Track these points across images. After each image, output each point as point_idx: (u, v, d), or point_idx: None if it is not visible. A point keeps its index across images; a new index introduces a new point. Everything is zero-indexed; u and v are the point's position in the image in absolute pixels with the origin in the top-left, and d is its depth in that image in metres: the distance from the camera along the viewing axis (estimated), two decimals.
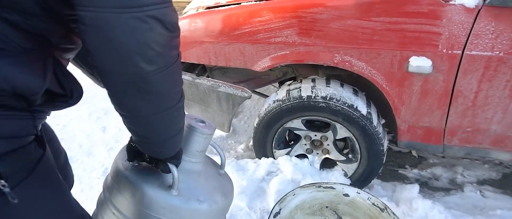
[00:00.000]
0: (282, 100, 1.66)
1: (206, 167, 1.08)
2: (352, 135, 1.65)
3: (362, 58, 1.46)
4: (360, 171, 1.74)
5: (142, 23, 0.58)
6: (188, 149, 0.98)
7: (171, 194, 0.89)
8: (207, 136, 1.00)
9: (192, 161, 1.00)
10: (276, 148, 1.84)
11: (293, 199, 1.47)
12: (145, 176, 0.91)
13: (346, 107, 1.56)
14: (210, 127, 1.01)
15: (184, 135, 0.93)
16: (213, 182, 1.05)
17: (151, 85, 0.65)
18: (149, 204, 0.87)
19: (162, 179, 0.92)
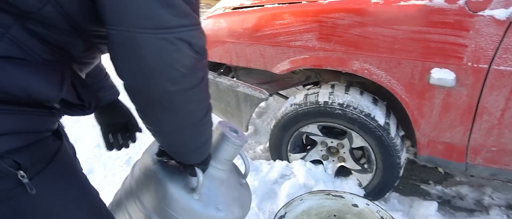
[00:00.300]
0: (299, 104, 1.65)
1: (229, 175, 1.09)
2: (368, 144, 1.61)
3: (382, 66, 1.42)
4: (375, 183, 1.69)
5: (169, 45, 0.59)
6: (217, 156, 0.99)
7: (192, 197, 0.91)
8: (237, 147, 1.01)
9: (218, 167, 1.01)
10: (292, 152, 1.83)
11: (300, 204, 1.47)
12: (172, 174, 0.93)
13: (362, 116, 1.53)
14: (241, 139, 1.02)
15: (215, 141, 0.98)
16: (233, 192, 1.07)
17: (174, 104, 0.66)
18: (170, 203, 0.90)
19: (187, 180, 0.94)
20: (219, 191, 1.02)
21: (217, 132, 1.00)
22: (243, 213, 1.07)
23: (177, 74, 0.62)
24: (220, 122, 1.04)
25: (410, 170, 2.18)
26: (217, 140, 0.99)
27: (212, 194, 0.99)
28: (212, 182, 1.00)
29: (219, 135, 1.00)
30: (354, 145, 1.67)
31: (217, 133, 1.00)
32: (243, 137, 1.05)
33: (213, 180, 1.02)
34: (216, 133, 1.00)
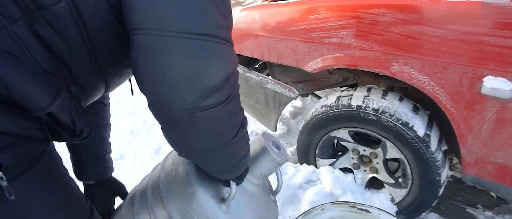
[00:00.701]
0: (330, 106, 1.53)
1: (261, 190, 1.05)
2: (403, 157, 1.44)
3: (425, 70, 1.26)
4: (409, 200, 1.52)
5: (199, 52, 0.56)
6: (253, 169, 0.96)
7: (220, 208, 0.87)
8: (277, 165, 0.96)
9: (252, 181, 0.98)
10: (320, 157, 1.71)
11: (320, 214, 1.35)
12: (204, 179, 0.89)
13: (399, 124, 1.37)
14: (283, 157, 0.97)
15: (254, 153, 0.94)
16: (261, 209, 1.01)
17: (198, 122, 0.60)
18: (196, 208, 0.86)
19: (218, 188, 0.90)
20: (248, 206, 0.96)
21: (258, 143, 0.95)
22: None
23: (203, 88, 0.57)
24: (264, 134, 0.99)
25: (455, 190, 1.95)
26: (257, 153, 0.94)
27: (241, 208, 0.94)
28: (243, 195, 0.96)
29: (260, 148, 0.95)
30: (388, 155, 1.51)
31: (259, 145, 0.95)
32: (284, 155, 0.99)
33: (244, 193, 0.97)
34: (257, 144, 0.95)
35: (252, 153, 0.96)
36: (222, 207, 0.87)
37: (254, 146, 0.98)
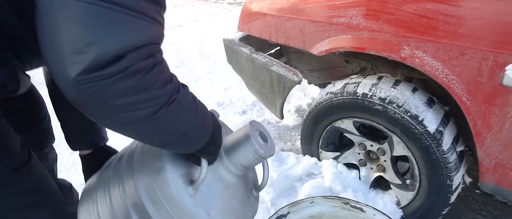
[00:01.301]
0: (335, 93, 1.40)
1: (240, 181, 0.98)
2: (411, 154, 1.28)
3: (439, 55, 1.10)
4: (416, 204, 1.36)
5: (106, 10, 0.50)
6: (233, 157, 0.90)
7: (187, 189, 0.81)
8: (258, 157, 0.89)
9: (230, 169, 0.92)
10: (324, 149, 1.59)
11: (309, 207, 1.24)
12: (177, 156, 0.85)
13: (407, 117, 1.21)
14: (267, 150, 0.90)
15: (237, 140, 0.88)
16: (235, 202, 0.94)
17: (87, 98, 0.53)
18: (162, 185, 0.81)
19: (190, 169, 0.85)
20: (219, 195, 0.89)
21: (243, 131, 0.89)
22: None
23: (88, 59, 0.50)
24: (253, 122, 0.92)
25: (481, 204, 1.73)
26: (239, 140, 0.88)
27: (210, 195, 0.87)
28: (216, 182, 0.89)
29: (243, 136, 0.88)
30: (395, 153, 1.35)
31: (243, 132, 0.88)
32: (270, 149, 0.92)
33: (219, 181, 0.90)
34: (242, 132, 0.89)
35: (235, 139, 0.90)
36: (189, 189, 0.81)
37: (239, 133, 0.91)
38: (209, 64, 3.31)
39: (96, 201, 0.93)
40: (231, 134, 0.98)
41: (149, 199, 0.83)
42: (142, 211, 0.85)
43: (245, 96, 2.63)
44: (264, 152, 0.89)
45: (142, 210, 0.85)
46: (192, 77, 3.04)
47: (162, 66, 0.59)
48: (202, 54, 3.59)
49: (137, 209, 0.85)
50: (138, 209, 0.85)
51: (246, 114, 2.36)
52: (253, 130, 0.90)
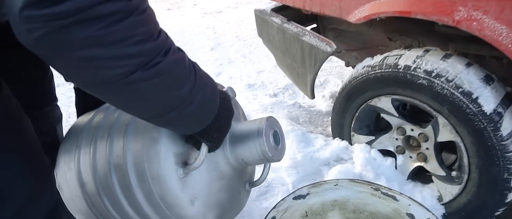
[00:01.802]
0: (373, 66, 1.23)
1: (235, 174, 0.90)
2: (460, 139, 1.08)
3: (504, 17, 0.90)
4: (462, 201, 1.15)
5: None
6: (237, 149, 0.83)
7: (177, 171, 0.74)
8: (263, 159, 0.82)
9: (229, 160, 0.85)
10: (356, 131, 1.41)
11: (332, 190, 1.08)
12: (176, 136, 0.77)
13: (457, 93, 1.02)
14: (275, 155, 0.83)
15: (247, 132, 0.81)
16: (224, 196, 0.87)
17: (37, 40, 0.43)
18: (152, 158, 0.73)
19: (187, 150, 0.78)
20: (209, 186, 0.81)
21: (257, 124, 0.81)
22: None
23: None
24: (271, 118, 0.84)
25: None
26: (249, 133, 0.81)
27: (200, 183, 0.79)
28: (210, 170, 0.82)
29: (255, 130, 0.81)
30: (440, 138, 1.16)
31: (256, 126, 0.81)
32: (279, 153, 0.84)
33: (213, 170, 0.82)
34: (255, 125, 0.82)
35: (245, 131, 0.82)
36: (179, 171, 0.74)
37: (251, 125, 0.83)
38: (245, 48, 3.22)
39: (80, 147, 0.85)
40: (243, 123, 0.87)
41: (134, 168, 0.75)
42: (123, 178, 0.76)
43: (278, 79, 2.49)
44: (272, 156, 0.80)
45: (123, 176, 0.76)
46: (225, 59, 2.96)
47: (142, 17, 0.47)
48: (238, 38, 3.50)
49: (119, 173, 0.77)
50: (119, 174, 0.77)
51: (278, 96, 2.22)
52: (268, 128, 0.81)
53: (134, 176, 0.75)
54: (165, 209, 0.75)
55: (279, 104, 2.02)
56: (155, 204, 0.75)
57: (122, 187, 0.78)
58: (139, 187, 0.75)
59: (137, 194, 0.76)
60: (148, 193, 0.74)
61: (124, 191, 0.78)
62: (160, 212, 0.77)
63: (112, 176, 0.78)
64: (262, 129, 0.79)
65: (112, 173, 0.78)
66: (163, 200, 0.74)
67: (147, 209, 0.77)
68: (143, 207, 0.77)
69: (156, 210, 0.77)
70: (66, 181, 0.87)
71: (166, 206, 0.74)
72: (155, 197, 0.74)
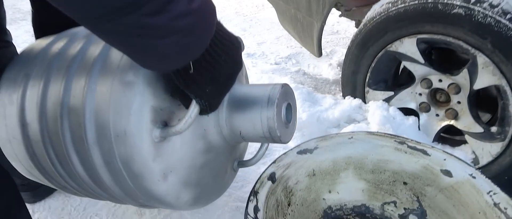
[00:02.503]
0: (394, 1, 1.02)
1: (225, 149, 0.71)
2: (505, 82, 0.87)
3: None
4: (505, 162, 0.94)
5: None
6: (235, 118, 0.63)
7: (152, 132, 0.54)
8: (269, 138, 0.64)
9: (222, 130, 0.65)
10: (371, 87, 1.20)
11: (346, 145, 0.88)
12: (159, 80, 0.56)
13: (505, 21, 0.81)
14: (284, 136, 0.64)
15: (252, 98, 0.62)
16: (207, 175, 0.68)
17: None
18: (120, 110, 0.53)
19: (169, 106, 0.57)
20: (191, 158, 0.62)
21: (268, 90, 0.62)
22: (190, 206, 0.67)
23: None
24: (286, 86, 0.65)
25: None
26: (256, 100, 0.61)
27: (179, 153, 0.59)
28: (196, 139, 0.62)
29: (266, 98, 0.61)
30: (477, 84, 0.95)
31: (267, 91, 0.61)
32: (288, 134, 0.66)
33: (200, 139, 0.63)
34: (265, 90, 0.62)
35: (251, 95, 0.63)
36: (155, 132, 0.54)
37: (260, 90, 0.62)
38: (245, 23, 3.01)
39: (28, 76, 0.65)
40: (248, 86, 0.67)
41: (94, 117, 0.54)
42: (77, 127, 0.56)
43: (280, 50, 2.29)
44: (280, 135, 0.62)
45: (78, 126, 0.56)
46: None
47: None
48: (238, 14, 3.30)
49: (73, 120, 0.56)
50: (74, 121, 0.56)
51: (280, 65, 2.02)
52: (281, 98, 0.62)
53: (93, 128, 0.55)
54: (128, 179, 0.56)
55: (281, 70, 1.82)
56: (114, 170, 0.56)
57: (75, 139, 0.58)
58: (97, 144, 0.55)
59: (93, 152, 0.56)
60: (107, 154, 0.55)
61: (77, 145, 0.58)
62: (119, 182, 0.58)
63: (63, 122, 0.58)
64: (275, 98, 0.60)
65: (64, 118, 0.58)
66: (126, 167, 0.55)
67: (103, 174, 0.58)
68: (99, 171, 0.58)
69: (115, 178, 0.58)
70: (4, 117, 0.67)
71: (130, 175, 0.55)
72: (117, 161, 0.55)
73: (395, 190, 0.87)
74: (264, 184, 0.76)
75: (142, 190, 0.58)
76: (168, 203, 0.62)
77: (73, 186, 0.68)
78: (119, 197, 0.64)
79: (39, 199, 1.09)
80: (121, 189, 0.60)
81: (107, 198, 0.70)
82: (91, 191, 0.67)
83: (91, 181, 0.62)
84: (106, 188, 0.62)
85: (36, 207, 1.07)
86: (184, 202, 0.63)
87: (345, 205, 0.88)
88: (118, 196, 0.63)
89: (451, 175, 0.78)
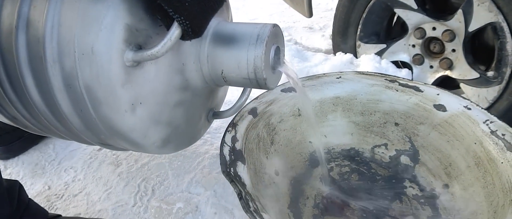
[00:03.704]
0: None
1: (202, 93, 0.64)
2: (501, 18, 0.82)
3: None
4: (503, 106, 0.89)
5: None
6: (218, 55, 0.57)
7: (124, 53, 0.47)
8: (253, 81, 0.57)
9: (202, 67, 0.59)
10: (363, 40, 1.15)
11: (334, 84, 0.82)
12: (137, 3, 0.49)
13: None
14: (270, 81, 0.59)
15: (241, 35, 0.56)
16: (179, 115, 0.61)
17: None
18: (88, 25, 0.47)
19: (147, 27, 0.50)
20: (164, 93, 0.55)
21: (256, 29, 0.55)
22: (157, 148, 0.60)
23: None
24: (277, 27, 0.58)
25: None
26: (244, 36, 0.55)
27: (153, 84, 0.53)
28: (172, 72, 0.55)
29: (255, 34, 0.54)
30: (473, 25, 0.90)
31: (257, 31, 0.55)
32: (274, 80, 0.60)
33: (177, 74, 0.56)
34: (256, 30, 0.55)
35: (238, 32, 0.56)
36: (128, 55, 0.47)
37: (249, 28, 0.56)
38: (238, 2, 2.96)
39: None
40: (237, 23, 0.61)
41: (57, 32, 0.46)
42: (36, 42, 0.48)
43: None
44: (266, 78, 0.56)
45: (36, 40, 0.47)
46: None
47: None
48: None
49: (31, 33, 0.48)
50: (32, 35, 0.48)
51: None
52: (271, 38, 0.56)
53: (55, 43, 0.47)
54: (90, 106, 0.49)
55: None
56: (75, 95, 0.48)
57: (31, 57, 0.50)
58: (58, 63, 0.47)
59: (51, 73, 0.48)
60: (69, 76, 0.47)
61: (33, 64, 0.50)
62: (80, 110, 0.50)
63: (18, 36, 0.51)
64: (265, 37, 0.54)
65: (19, 31, 0.51)
66: (89, 91, 0.47)
67: (62, 100, 0.50)
68: (57, 96, 0.49)
69: (75, 105, 0.50)
70: None
71: (93, 102, 0.48)
72: (79, 84, 0.47)
73: (386, 132, 0.82)
74: (244, 117, 0.71)
75: (105, 121, 0.50)
76: (133, 141, 0.55)
77: (25, 116, 0.60)
78: (78, 131, 0.56)
79: (12, 155, 1.03)
80: (81, 119, 0.52)
81: (64, 132, 0.60)
82: (45, 123, 0.58)
83: (47, 109, 0.53)
84: (64, 119, 0.53)
85: (8, 163, 1.01)
86: (152, 142, 0.57)
87: (333, 149, 0.83)
88: (77, 129, 0.55)
89: (445, 109, 0.73)
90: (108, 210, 0.80)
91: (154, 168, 0.89)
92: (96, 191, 0.86)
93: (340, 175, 0.78)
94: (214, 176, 0.84)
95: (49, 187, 0.90)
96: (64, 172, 0.95)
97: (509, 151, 0.60)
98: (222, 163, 0.59)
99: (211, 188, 0.81)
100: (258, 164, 0.68)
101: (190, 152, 0.91)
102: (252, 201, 0.53)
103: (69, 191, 0.88)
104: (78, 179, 0.91)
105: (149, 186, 0.85)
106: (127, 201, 0.82)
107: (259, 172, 0.67)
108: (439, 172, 0.73)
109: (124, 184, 0.86)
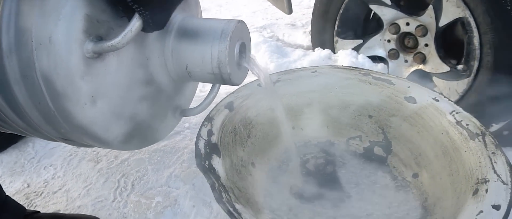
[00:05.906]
0: None
1: (169, 88, 0.64)
2: (468, 13, 0.85)
3: None
4: (472, 99, 0.93)
5: None
6: (183, 49, 0.57)
7: (83, 44, 0.47)
8: (217, 76, 0.58)
9: (167, 62, 0.59)
10: (340, 36, 1.18)
11: (310, 78, 0.85)
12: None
13: None
14: (235, 77, 0.59)
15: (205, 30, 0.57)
16: (143, 110, 0.60)
17: None
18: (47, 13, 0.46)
19: (107, 21, 0.50)
20: (127, 86, 0.55)
21: (222, 25, 0.57)
22: (121, 143, 0.58)
23: None
24: (242, 23, 0.60)
25: None
26: (208, 32, 0.56)
27: (114, 77, 0.52)
28: (135, 65, 0.55)
29: (219, 30, 0.56)
30: (443, 20, 0.93)
31: (221, 27, 0.56)
32: (239, 76, 0.60)
33: (140, 67, 0.56)
34: (220, 25, 0.57)
35: (203, 27, 0.57)
36: (88, 46, 0.47)
37: (214, 24, 0.57)
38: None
39: None
40: (202, 19, 0.61)
41: (14, 19, 0.46)
42: None
43: (255, 22, 2.25)
44: (230, 73, 0.57)
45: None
46: None
47: None
48: None
49: None
50: None
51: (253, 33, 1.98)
52: (236, 34, 0.57)
53: (11, 32, 0.46)
54: (48, 98, 0.47)
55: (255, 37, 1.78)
56: (32, 87, 0.47)
57: None
58: (14, 53, 0.46)
59: (7, 63, 0.47)
60: (25, 66, 0.46)
61: None
62: (38, 103, 0.49)
63: None
64: (229, 32, 0.55)
65: None
66: (47, 82, 0.46)
67: (18, 92, 0.48)
68: (13, 88, 0.48)
69: (33, 97, 0.49)
70: None
71: (51, 93, 0.47)
72: (36, 74, 0.46)
73: (360, 124, 0.84)
74: (220, 111, 0.72)
75: (64, 114, 0.49)
76: (95, 136, 0.53)
77: None
78: (37, 125, 0.54)
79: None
80: (40, 112, 0.50)
81: (24, 128, 0.57)
82: (4, 117, 0.55)
83: (4, 101, 0.51)
84: (22, 112, 0.52)
85: None
86: (114, 136, 0.56)
87: (310, 141, 0.86)
88: (36, 123, 0.53)
89: (415, 101, 0.76)
90: (87, 206, 0.81)
91: (134, 164, 0.90)
92: (76, 188, 0.87)
93: (315, 166, 0.80)
94: (193, 170, 0.85)
95: (28, 185, 0.90)
96: (44, 169, 0.95)
97: (472, 140, 0.63)
98: (197, 156, 0.60)
99: (190, 182, 0.82)
100: (235, 157, 0.70)
101: (170, 148, 0.92)
102: (226, 192, 0.55)
103: (49, 188, 0.88)
104: (57, 176, 0.91)
105: (129, 181, 0.85)
106: (107, 197, 0.82)
107: (235, 165, 0.69)
108: (410, 161, 0.76)
109: (104, 180, 0.87)
